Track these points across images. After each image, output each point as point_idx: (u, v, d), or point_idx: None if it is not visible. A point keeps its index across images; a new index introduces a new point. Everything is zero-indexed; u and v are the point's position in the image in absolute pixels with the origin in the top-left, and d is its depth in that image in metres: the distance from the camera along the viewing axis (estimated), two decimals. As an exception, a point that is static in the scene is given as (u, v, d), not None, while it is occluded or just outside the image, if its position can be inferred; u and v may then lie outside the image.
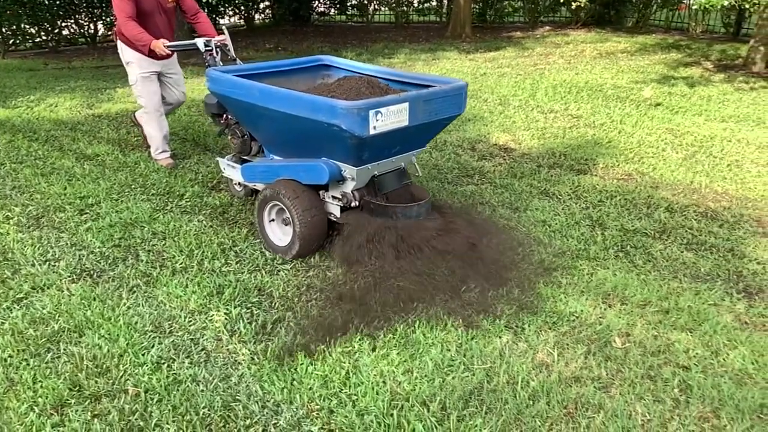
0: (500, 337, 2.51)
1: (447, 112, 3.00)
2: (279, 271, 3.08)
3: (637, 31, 11.61)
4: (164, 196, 4.05)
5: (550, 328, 2.58)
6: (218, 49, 3.87)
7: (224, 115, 3.74)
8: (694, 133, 5.39)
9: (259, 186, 3.54)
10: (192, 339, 2.55)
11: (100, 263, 3.17)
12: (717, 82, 7.42)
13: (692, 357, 2.41)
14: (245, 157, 3.74)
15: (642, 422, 2.08)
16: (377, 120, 2.65)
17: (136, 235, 3.48)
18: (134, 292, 2.92)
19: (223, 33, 4.02)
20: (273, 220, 3.28)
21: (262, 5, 13.78)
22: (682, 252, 3.28)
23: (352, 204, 3.03)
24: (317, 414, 2.12)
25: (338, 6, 14.40)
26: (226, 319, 2.67)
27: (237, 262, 3.17)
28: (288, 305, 2.78)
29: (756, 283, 2.97)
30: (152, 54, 4.21)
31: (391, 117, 2.70)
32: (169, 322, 2.67)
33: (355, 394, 2.20)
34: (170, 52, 4.20)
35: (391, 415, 2.09)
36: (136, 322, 2.66)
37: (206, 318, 2.69)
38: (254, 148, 3.68)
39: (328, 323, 2.57)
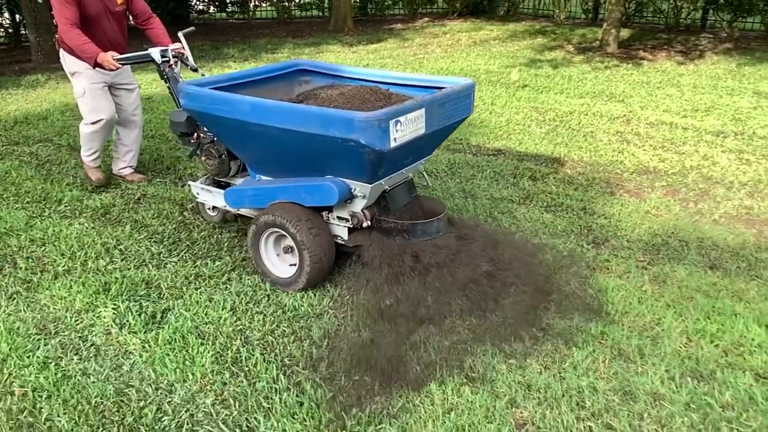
0: (385, 301, 2.71)
1: (459, 115, 2.78)
2: (166, 264, 3.12)
3: (509, 19, 12.35)
4: (41, 203, 3.91)
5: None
6: (176, 59, 3.47)
7: (194, 134, 3.31)
8: (556, 110, 5.92)
9: (246, 211, 3.19)
10: (80, 336, 2.56)
11: (-27, 274, 3.06)
12: (577, 63, 8.12)
13: (549, 301, 2.75)
14: (222, 180, 3.32)
15: (504, 359, 2.36)
16: (397, 131, 2.39)
17: (11, 243, 3.36)
18: (14, 299, 2.85)
19: (179, 40, 3.55)
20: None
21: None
22: (542, 214, 3.66)
23: (364, 224, 2.71)
24: (210, 387, 2.22)
25: (218, 3, 14.12)
26: (114, 313, 2.68)
27: (122, 260, 3.16)
28: (177, 294, 2.83)
29: (603, 235, 3.39)
30: (99, 67, 3.67)
31: (409, 126, 2.45)
32: (55, 324, 2.64)
33: (247, 366, 2.33)
34: (120, 66, 3.64)
35: (281, 380, 2.24)
36: (19, 327, 2.61)
37: (94, 315, 2.69)
38: (233, 169, 3.25)
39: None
